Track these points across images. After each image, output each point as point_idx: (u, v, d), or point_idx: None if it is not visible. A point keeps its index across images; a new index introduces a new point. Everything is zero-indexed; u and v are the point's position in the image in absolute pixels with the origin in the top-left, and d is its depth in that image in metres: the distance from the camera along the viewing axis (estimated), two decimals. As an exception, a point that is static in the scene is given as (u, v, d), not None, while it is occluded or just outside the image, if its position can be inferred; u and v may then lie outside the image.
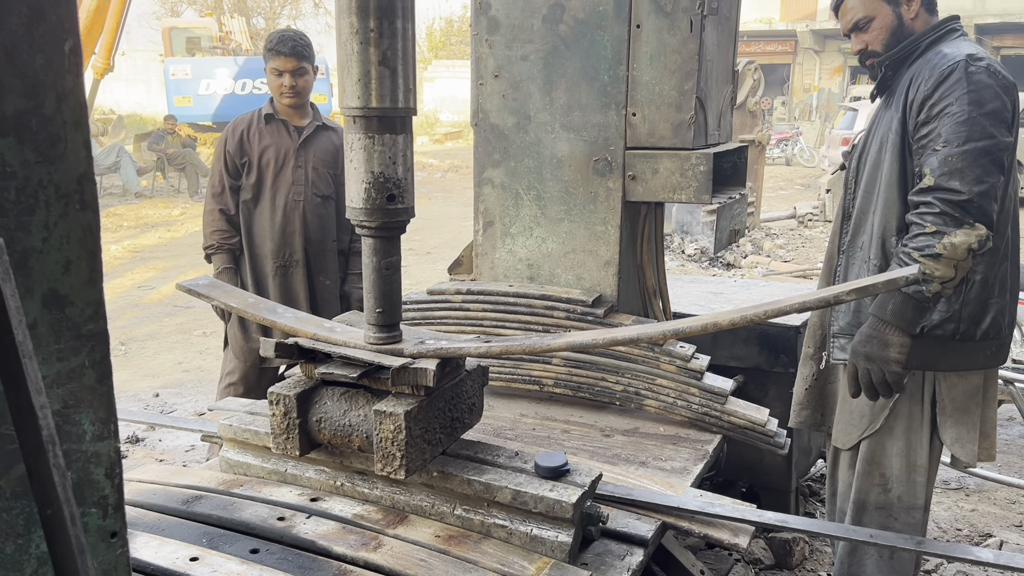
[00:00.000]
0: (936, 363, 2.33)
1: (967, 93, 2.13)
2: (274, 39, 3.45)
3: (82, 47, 3.55)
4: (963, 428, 2.35)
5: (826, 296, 1.66)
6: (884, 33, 2.37)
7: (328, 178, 3.59)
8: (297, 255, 3.55)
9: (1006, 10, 23.19)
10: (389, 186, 1.75)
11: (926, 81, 2.20)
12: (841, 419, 2.52)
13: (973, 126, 2.10)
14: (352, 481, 1.96)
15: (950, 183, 2.10)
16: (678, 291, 3.60)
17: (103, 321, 0.92)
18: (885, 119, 2.38)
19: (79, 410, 0.91)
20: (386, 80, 1.69)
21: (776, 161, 20.98)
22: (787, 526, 2.06)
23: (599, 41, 2.66)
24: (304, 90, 3.50)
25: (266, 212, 3.53)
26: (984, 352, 2.34)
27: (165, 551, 1.65)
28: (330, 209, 3.61)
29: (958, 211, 2.09)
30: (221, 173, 3.55)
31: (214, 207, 3.55)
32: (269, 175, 3.51)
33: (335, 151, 3.60)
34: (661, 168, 2.65)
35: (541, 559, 1.72)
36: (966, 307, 2.29)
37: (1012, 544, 3.38)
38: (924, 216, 2.13)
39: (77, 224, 0.87)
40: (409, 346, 1.83)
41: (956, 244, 2.08)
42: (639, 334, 1.78)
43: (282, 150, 3.51)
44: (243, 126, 3.55)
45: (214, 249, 3.55)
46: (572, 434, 2.59)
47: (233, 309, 2.07)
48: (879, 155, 2.36)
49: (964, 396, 2.35)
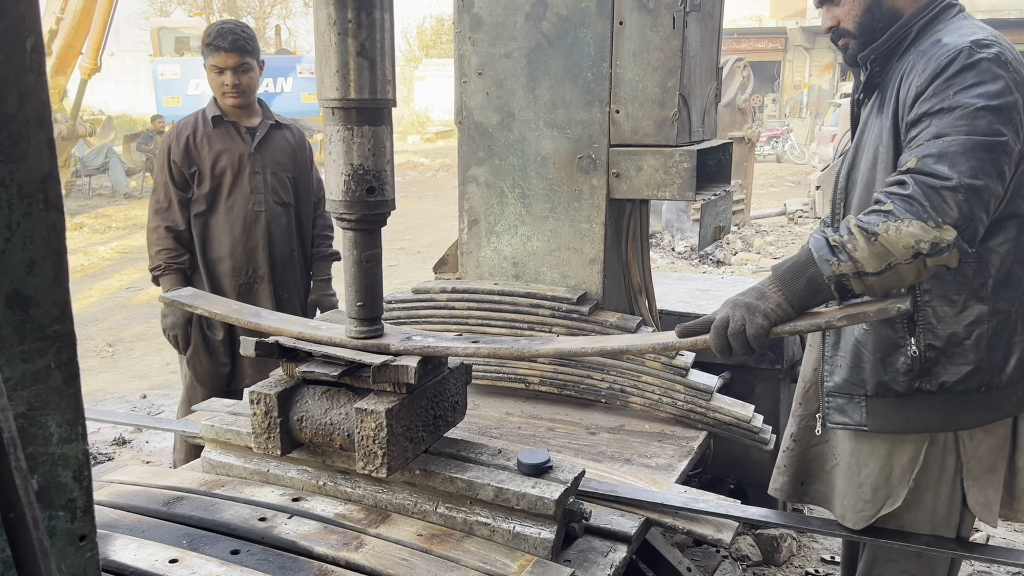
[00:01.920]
0: (959, 421, 1.91)
1: (972, 85, 1.68)
2: (212, 33, 3.13)
3: (68, 50, 3.56)
4: (991, 490, 1.94)
5: (817, 322, 1.63)
6: (857, 8, 1.93)
7: (287, 183, 3.29)
8: (262, 270, 3.24)
9: (995, 6, 23.27)
10: (368, 178, 1.75)
11: (920, 74, 1.76)
12: (849, 492, 2.04)
13: (976, 119, 1.65)
14: (335, 480, 1.95)
15: (936, 167, 1.63)
16: (665, 288, 3.60)
17: (69, 322, 0.91)
18: (875, 128, 1.92)
19: (45, 412, 0.90)
20: (364, 71, 1.68)
21: (767, 158, 21.01)
22: (771, 521, 2.06)
23: (582, 38, 2.66)
24: (249, 88, 3.19)
25: (223, 226, 3.20)
26: (1010, 399, 1.91)
27: (144, 553, 1.64)
28: (291, 217, 3.32)
29: (933, 199, 1.60)
30: (167, 186, 3.17)
31: (159, 224, 3.17)
32: (224, 185, 3.18)
33: (292, 151, 3.32)
34: (645, 165, 2.64)
35: (524, 556, 1.72)
36: (991, 353, 1.86)
37: (998, 538, 3.40)
38: (891, 195, 1.65)
39: (41, 224, 0.86)
40: (396, 342, 1.82)
41: (901, 233, 1.59)
42: (628, 345, 1.78)
43: (236, 156, 3.18)
44: (188, 131, 3.18)
45: (161, 270, 3.18)
46: (557, 432, 2.59)
47: (218, 316, 2.05)
48: (871, 173, 1.90)
49: (991, 452, 1.94)
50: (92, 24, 11.15)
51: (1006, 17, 23.37)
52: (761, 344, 1.65)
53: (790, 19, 27.45)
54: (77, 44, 11.31)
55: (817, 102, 26.36)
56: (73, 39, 11.14)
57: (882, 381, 1.93)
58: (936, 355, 1.87)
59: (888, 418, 1.94)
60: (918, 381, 1.89)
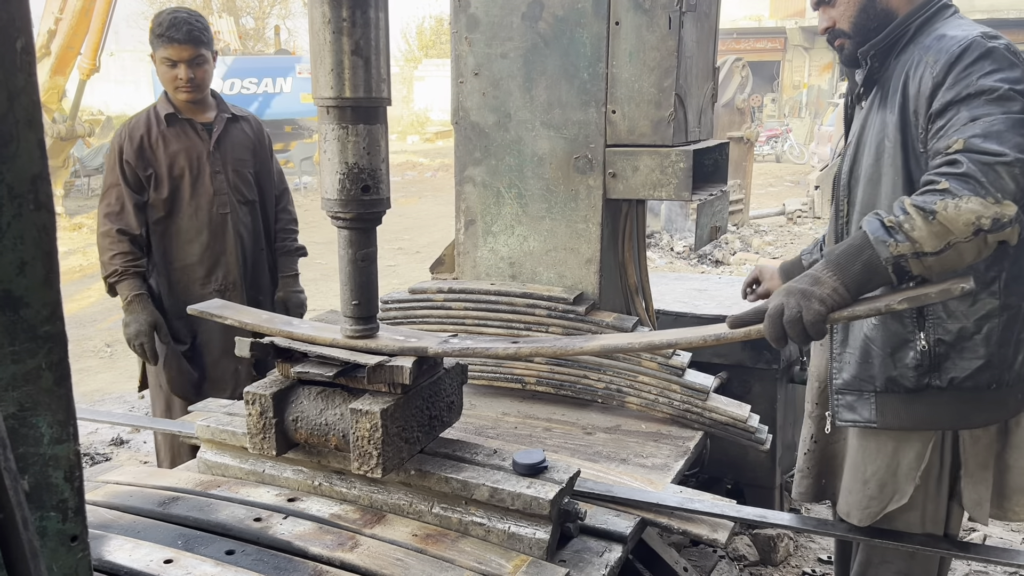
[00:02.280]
0: (970, 419, 1.90)
1: (995, 70, 1.68)
2: (164, 23, 2.89)
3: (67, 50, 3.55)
4: (983, 487, 1.95)
5: (877, 306, 1.57)
6: (852, 8, 1.96)
7: (249, 179, 3.11)
8: (233, 275, 3.05)
9: (994, 6, 23.29)
10: (363, 177, 1.75)
11: (932, 65, 1.76)
12: (854, 489, 2.03)
13: (1008, 101, 1.64)
14: (330, 481, 1.95)
15: (985, 144, 1.60)
16: (662, 288, 3.60)
17: (60, 323, 0.91)
18: (877, 123, 1.93)
19: (36, 413, 0.90)
20: (359, 70, 1.68)
21: (766, 158, 21.02)
22: (766, 521, 2.06)
23: (578, 38, 2.66)
24: (204, 82, 2.99)
25: (189, 232, 2.99)
26: (1015, 396, 1.91)
27: (139, 553, 1.64)
28: (256, 215, 3.15)
29: (990, 175, 1.57)
30: (119, 188, 2.94)
31: (110, 227, 2.92)
32: (184, 188, 2.97)
33: (252, 145, 3.13)
34: (641, 165, 2.64)
35: (519, 556, 1.72)
36: (1002, 349, 1.86)
37: (995, 538, 3.40)
38: (943, 174, 1.62)
39: (32, 224, 0.86)
40: (433, 345, 1.81)
41: (961, 210, 1.55)
42: (678, 339, 1.77)
43: (194, 156, 2.98)
44: (141, 130, 2.96)
45: (119, 276, 2.93)
46: (554, 432, 2.59)
47: (249, 326, 1.96)
48: (875, 168, 1.91)
49: (986, 451, 1.94)
50: (91, 24, 11.14)
51: (1005, 17, 23.36)
52: (819, 331, 1.59)
53: (789, 19, 27.45)
54: (76, 44, 11.29)
55: (816, 102, 26.36)
56: (72, 39, 11.12)
57: (891, 377, 1.92)
58: (946, 350, 1.86)
59: (898, 415, 1.93)
60: (927, 377, 1.88)
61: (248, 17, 33.02)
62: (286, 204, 3.32)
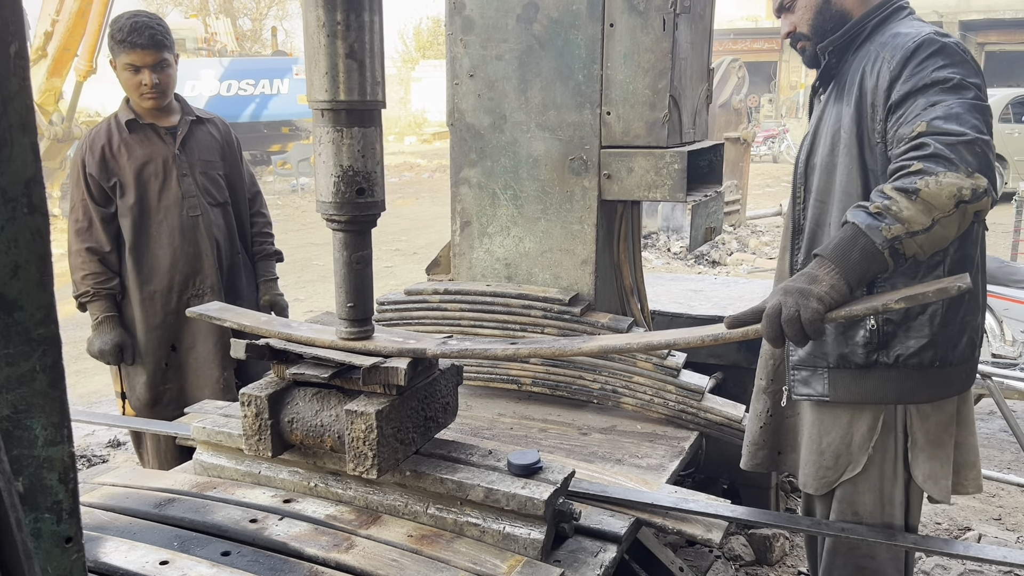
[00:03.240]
0: (914, 395, 2.01)
1: (947, 64, 1.81)
2: (125, 27, 2.79)
3: (64, 52, 3.55)
4: (936, 463, 2.02)
5: (874, 304, 1.59)
6: (809, 12, 2.09)
7: (219, 180, 3.04)
8: (210, 280, 2.97)
9: (990, 6, 23.31)
10: (358, 179, 1.75)
11: (888, 61, 1.88)
12: (810, 460, 2.14)
13: (961, 89, 1.77)
14: (326, 482, 1.96)
15: (946, 125, 1.71)
16: (658, 289, 3.61)
17: (55, 325, 0.92)
18: (832, 115, 2.04)
19: (30, 415, 0.91)
20: (354, 73, 1.69)
21: (763, 158, 21.03)
22: (760, 521, 2.07)
23: (573, 40, 2.67)
24: (168, 87, 2.90)
25: (160, 238, 2.92)
26: (960, 376, 2.03)
27: (135, 555, 1.65)
28: (230, 217, 3.08)
29: (955, 152, 1.67)
30: (85, 203, 2.90)
31: (80, 247, 2.89)
32: (151, 194, 2.90)
33: (219, 147, 3.06)
34: (636, 167, 2.65)
35: (514, 557, 1.73)
36: (945, 329, 1.96)
37: (990, 537, 3.41)
38: (912, 158, 1.71)
39: (26, 228, 0.87)
40: (432, 347, 1.81)
41: (942, 185, 1.64)
42: (676, 339, 1.78)
43: (159, 161, 2.91)
44: (102, 141, 2.89)
45: (89, 297, 2.91)
46: (549, 432, 2.60)
47: (248, 329, 1.95)
48: (831, 157, 2.02)
49: (938, 428, 2.03)
50: (87, 26, 11.14)
51: (1001, 17, 23.39)
52: (817, 330, 1.63)
53: (786, 19, 27.46)
54: (72, 46, 11.29)
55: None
56: (68, 41, 11.12)
57: (843, 354, 2.03)
58: (893, 328, 1.98)
59: (848, 389, 2.04)
60: (876, 353, 1.99)
61: (245, 18, 33.00)
62: (260, 207, 3.26)
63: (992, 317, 4.81)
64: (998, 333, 4.82)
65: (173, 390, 3.06)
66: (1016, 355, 4.65)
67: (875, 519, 2.08)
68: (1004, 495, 3.83)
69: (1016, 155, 13.73)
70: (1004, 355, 4.68)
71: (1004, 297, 4.74)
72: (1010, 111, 13.90)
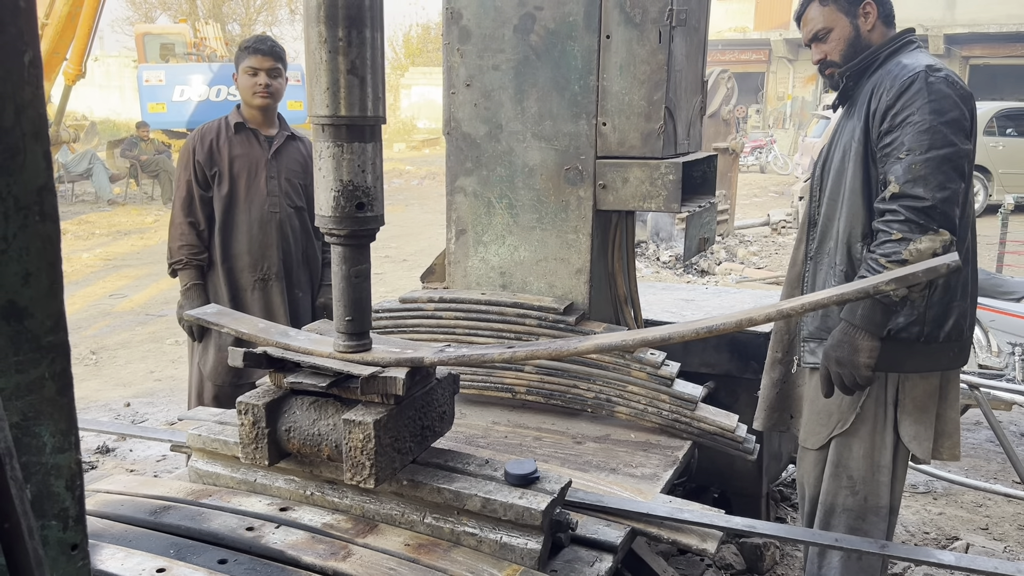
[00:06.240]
0: (901, 364, 2.39)
1: (928, 103, 2.20)
2: (251, 39, 3.43)
3: (53, 55, 3.54)
4: (921, 426, 2.41)
5: (865, 287, 1.67)
6: (842, 44, 2.45)
7: (299, 189, 3.52)
8: (275, 268, 3.47)
9: (975, 20, 23.59)
10: (358, 194, 1.76)
11: (888, 91, 2.27)
12: (810, 419, 2.56)
13: (935, 134, 2.18)
14: (322, 490, 1.96)
15: (914, 190, 2.17)
16: (650, 298, 3.63)
17: (64, 333, 0.92)
18: (847, 128, 2.44)
19: (39, 422, 0.91)
20: (355, 89, 1.70)
21: (750, 169, 21.17)
22: (754, 531, 2.08)
23: (569, 51, 2.69)
24: (277, 92, 3.43)
25: (242, 224, 3.43)
26: (947, 353, 2.41)
27: (131, 563, 1.64)
28: (304, 220, 3.55)
29: (923, 217, 2.16)
30: (190, 183, 3.41)
31: (183, 220, 3.41)
32: (241, 186, 3.41)
33: (304, 162, 3.54)
34: (631, 177, 2.67)
35: (511, 566, 1.73)
36: (930, 310, 2.35)
37: (978, 547, 3.43)
38: (890, 224, 2.20)
39: (36, 236, 0.87)
40: (429, 355, 1.81)
41: (922, 250, 2.15)
42: (670, 333, 1.78)
43: (253, 160, 3.42)
44: (211, 135, 3.44)
45: (182, 265, 3.42)
46: (544, 441, 2.60)
47: (244, 335, 1.98)
48: (842, 163, 2.42)
49: (924, 395, 2.41)
50: (77, 30, 11.11)
51: (985, 31, 23.66)
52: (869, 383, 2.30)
53: (774, 31, 27.70)
54: (62, 50, 11.26)
55: (800, 113, 26.58)
56: (58, 44, 11.09)
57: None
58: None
59: None
60: None
61: (234, 24, 32.96)
62: None
63: (979, 328, 4.85)
64: (985, 344, 4.86)
65: (228, 370, 3.41)
66: (1003, 366, 4.69)
67: (866, 483, 2.46)
68: (991, 505, 3.86)
69: (1000, 167, 13.87)
70: (991, 366, 4.72)
71: (991, 308, 4.79)
72: (995, 124, 14.04)
